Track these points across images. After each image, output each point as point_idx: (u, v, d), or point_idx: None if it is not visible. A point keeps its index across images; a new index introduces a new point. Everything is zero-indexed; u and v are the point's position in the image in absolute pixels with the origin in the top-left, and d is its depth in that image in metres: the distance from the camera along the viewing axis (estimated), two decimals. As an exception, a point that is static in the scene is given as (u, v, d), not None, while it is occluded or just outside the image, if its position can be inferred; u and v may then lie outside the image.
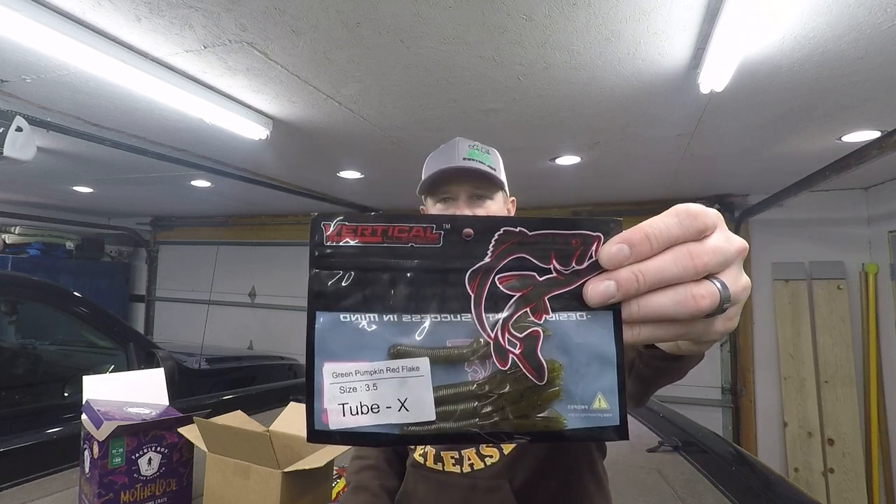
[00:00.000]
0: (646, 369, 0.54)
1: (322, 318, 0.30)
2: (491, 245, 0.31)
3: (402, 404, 0.30)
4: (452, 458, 0.91)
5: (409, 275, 0.31)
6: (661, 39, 1.52)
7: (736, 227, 3.79)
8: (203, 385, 2.79)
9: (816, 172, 2.54)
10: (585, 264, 0.31)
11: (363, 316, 0.30)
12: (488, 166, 0.97)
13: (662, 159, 2.86)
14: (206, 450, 1.12)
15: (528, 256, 0.30)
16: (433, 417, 0.30)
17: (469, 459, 0.90)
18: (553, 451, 0.88)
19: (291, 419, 1.31)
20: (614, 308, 0.30)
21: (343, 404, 0.30)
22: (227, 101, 2.02)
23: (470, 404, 0.30)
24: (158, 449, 1.16)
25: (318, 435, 0.30)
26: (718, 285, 0.31)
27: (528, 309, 0.30)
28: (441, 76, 1.81)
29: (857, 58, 1.60)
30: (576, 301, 0.30)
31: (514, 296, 0.30)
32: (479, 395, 0.30)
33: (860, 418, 3.37)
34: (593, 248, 0.31)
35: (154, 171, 3.47)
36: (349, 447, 1.16)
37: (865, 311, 3.39)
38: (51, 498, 1.32)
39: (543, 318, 0.30)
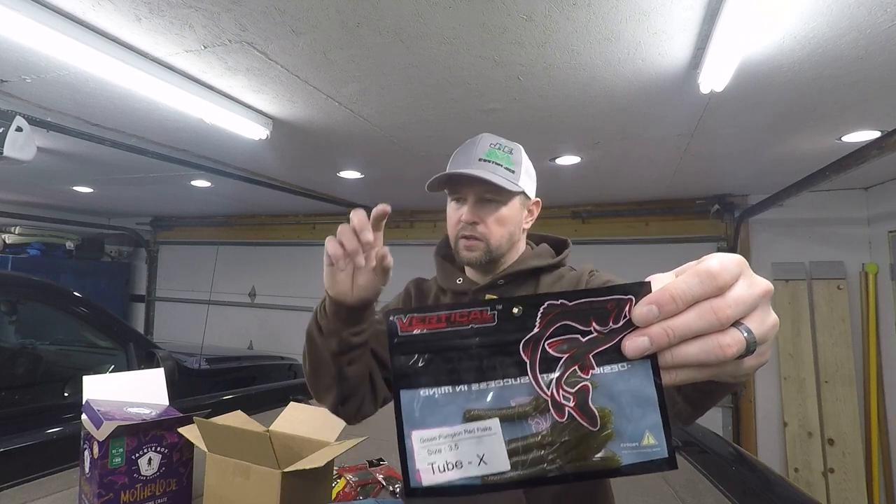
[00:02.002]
0: (694, 393, 0.58)
1: (406, 395, 0.37)
2: (538, 318, 0.36)
3: (481, 459, 0.35)
4: None
5: (472, 350, 0.37)
6: (661, 39, 1.52)
7: (736, 227, 3.80)
8: (203, 385, 2.79)
9: (816, 172, 2.54)
10: (621, 323, 0.35)
11: (439, 389, 0.36)
12: (506, 168, 0.96)
13: (662, 159, 2.86)
14: (206, 450, 1.13)
15: (571, 323, 0.36)
16: (508, 467, 0.35)
17: None
18: None
19: (291, 419, 1.31)
20: (651, 357, 0.35)
21: (431, 464, 0.36)
22: (227, 101, 2.02)
23: (538, 453, 0.36)
24: (158, 449, 1.16)
25: (414, 492, 0.35)
26: (744, 332, 0.35)
27: (576, 367, 0.36)
28: (441, 76, 1.81)
29: (857, 58, 1.60)
30: (616, 354, 0.35)
31: (562, 357, 0.36)
32: (544, 444, 0.36)
33: (860, 418, 3.37)
34: (626, 308, 0.35)
35: (154, 171, 3.47)
36: (348, 449, 1.16)
37: (865, 311, 3.39)
38: (51, 498, 1.32)
39: (590, 373, 0.36)
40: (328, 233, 0.73)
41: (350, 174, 3.39)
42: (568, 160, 2.88)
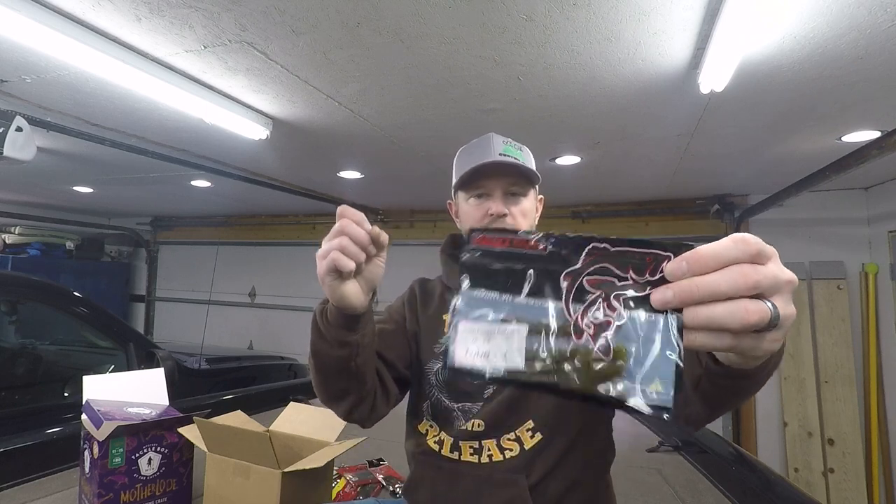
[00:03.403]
0: (711, 387, 0.57)
1: (464, 292, 0.46)
2: (583, 255, 0.41)
3: (504, 355, 0.43)
4: (471, 448, 0.90)
5: (522, 271, 0.43)
6: (661, 39, 1.52)
7: (736, 227, 3.80)
8: (203, 385, 2.79)
9: (816, 172, 2.54)
10: (657, 277, 0.38)
11: (489, 293, 0.44)
12: (522, 163, 0.96)
13: (662, 159, 2.86)
14: (206, 450, 1.13)
15: (610, 266, 0.40)
16: (523, 367, 0.42)
17: (489, 451, 0.89)
18: (570, 450, 0.89)
19: (291, 419, 1.31)
20: (678, 316, 0.38)
21: (467, 349, 0.44)
22: (227, 101, 2.02)
23: (552, 365, 0.41)
24: (158, 449, 1.16)
25: (449, 370, 0.45)
26: (769, 305, 0.37)
27: (605, 304, 0.40)
28: (441, 76, 1.81)
29: (857, 58, 1.60)
30: (646, 304, 0.38)
31: (595, 293, 0.40)
32: (558, 359, 0.41)
33: (860, 418, 3.37)
34: (664, 264, 0.38)
35: (154, 171, 3.47)
36: (348, 449, 1.16)
37: (865, 311, 3.39)
38: (51, 498, 1.32)
39: (616, 313, 0.39)
40: (328, 233, 0.69)
41: (350, 174, 3.39)
42: (568, 160, 2.88)
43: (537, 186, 1.02)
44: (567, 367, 0.40)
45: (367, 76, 1.82)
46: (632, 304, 0.39)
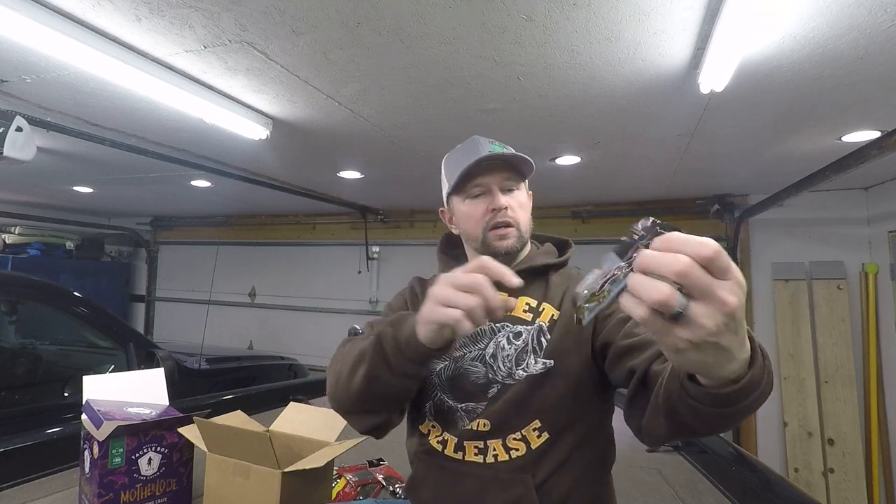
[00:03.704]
0: (679, 405, 0.59)
1: (610, 254, 0.53)
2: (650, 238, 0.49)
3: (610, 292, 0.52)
4: (476, 447, 0.90)
5: (624, 243, 0.52)
6: (661, 39, 1.52)
7: (736, 227, 3.80)
8: (203, 385, 2.79)
9: (816, 172, 2.54)
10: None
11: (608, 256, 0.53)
12: (512, 154, 0.96)
13: (662, 159, 2.86)
14: (206, 450, 1.13)
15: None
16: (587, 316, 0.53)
17: (494, 450, 0.89)
18: (575, 450, 0.89)
19: (291, 419, 1.31)
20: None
21: (587, 285, 0.53)
22: (227, 101, 2.02)
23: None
24: (158, 449, 1.17)
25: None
26: (682, 297, 0.43)
27: (627, 270, 0.49)
28: (441, 76, 1.81)
29: (857, 58, 1.60)
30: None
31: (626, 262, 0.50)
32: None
33: (860, 418, 3.37)
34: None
35: (154, 171, 3.47)
36: (348, 449, 1.16)
37: (865, 311, 3.39)
38: (51, 498, 1.32)
39: (622, 272, 0.50)
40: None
41: (350, 174, 3.38)
42: (568, 160, 2.88)
43: (527, 181, 1.03)
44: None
45: (367, 76, 1.82)
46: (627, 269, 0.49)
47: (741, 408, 0.54)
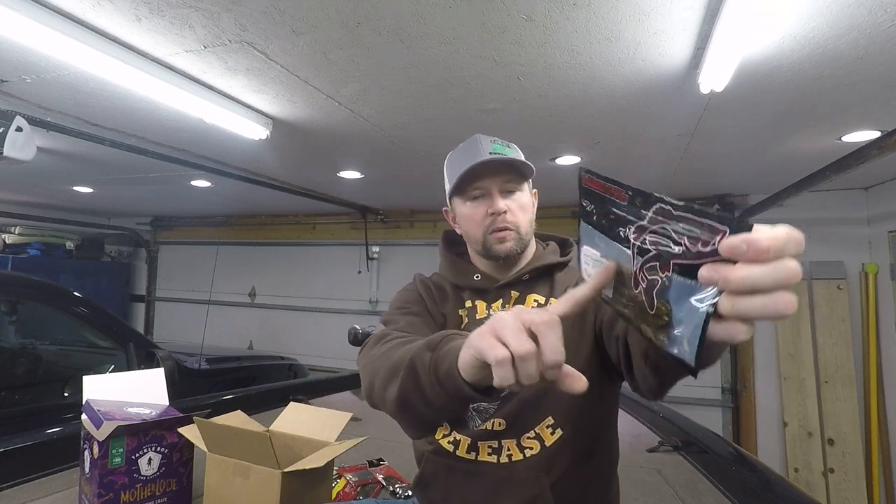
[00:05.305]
0: (657, 359, 0.61)
1: (583, 226, 0.57)
2: (650, 212, 0.45)
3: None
4: (490, 447, 0.89)
5: (611, 215, 0.51)
6: (661, 39, 1.52)
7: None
8: (203, 385, 2.79)
9: (817, 172, 2.54)
10: (708, 249, 0.39)
11: (596, 229, 0.54)
12: (512, 158, 0.96)
13: (662, 159, 2.86)
14: (206, 450, 1.12)
15: (669, 229, 0.43)
16: (612, 297, 0.52)
17: (508, 450, 0.89)
18: (587, 449, 0.89)
19: (291, 419, 1.31)
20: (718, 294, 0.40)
21: (585, 267, 0.57)
22: (227, 101, 2.02)
23: (621, 298, 0.51)
24: (158, 449, 1.16)
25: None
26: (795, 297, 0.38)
27: (657, 264, 0.44)
28: (441, 76, 1.81)
29: (857, 58, 1.60)
30: (692, 272, 0.40)
31: (651, 251, 0.45)
32: (623, 296, 0.50)
33: (860, 418, 3.37)
34: (718, 238, 0.38)
35: (154, 171, 3.47)
36: (348, 449, 1.16)
37: (865, 311, 3.39)
38: (51, 498, 1.32)
39: (666, 274, 0.43)
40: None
41: (350, 174, 3.38)
42: (568, 160, 2.88)
43: (531, 180, 1.02)
44: (629, 307, 0.48)
45: (367, 76, 1.82)
46: (681, 269, 0.42)
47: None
